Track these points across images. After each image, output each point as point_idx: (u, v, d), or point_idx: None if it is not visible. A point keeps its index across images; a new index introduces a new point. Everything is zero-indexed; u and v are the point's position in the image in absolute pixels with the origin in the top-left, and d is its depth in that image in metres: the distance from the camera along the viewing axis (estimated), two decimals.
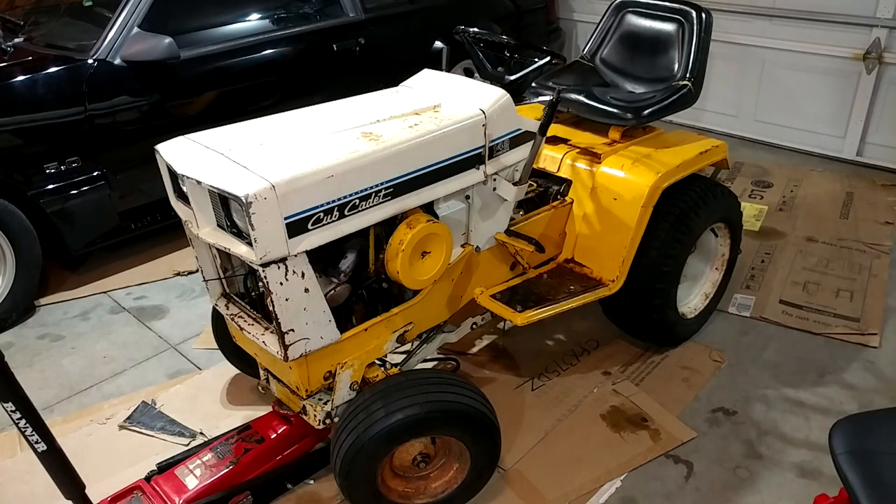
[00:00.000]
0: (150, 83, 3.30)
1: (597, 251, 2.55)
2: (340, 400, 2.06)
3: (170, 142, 1.92)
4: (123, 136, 3.29)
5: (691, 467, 2.31)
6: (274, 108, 2.83)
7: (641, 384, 2.65)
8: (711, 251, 2.90)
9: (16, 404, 1.55)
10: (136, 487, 2.07)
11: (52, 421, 2.53)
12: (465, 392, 1.97)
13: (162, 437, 2.46)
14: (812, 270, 3.34)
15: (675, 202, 2.52)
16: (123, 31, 3.21)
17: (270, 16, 3.77)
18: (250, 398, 2.61)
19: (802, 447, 2.38)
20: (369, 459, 1.88)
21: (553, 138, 2.72)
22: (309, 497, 2.22)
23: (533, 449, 2.37)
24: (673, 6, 2.80)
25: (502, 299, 2.37)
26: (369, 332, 2.10)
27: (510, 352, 2.86)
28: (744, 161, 4.57)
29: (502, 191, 2.29)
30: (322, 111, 2.11)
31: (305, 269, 1.82)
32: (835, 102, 4.46)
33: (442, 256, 2.11)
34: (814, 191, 4.14)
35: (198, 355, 2.91)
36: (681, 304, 2.78)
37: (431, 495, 2.11)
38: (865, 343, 2.84)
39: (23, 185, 3.04)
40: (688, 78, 2.69)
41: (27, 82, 3.03)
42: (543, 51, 2.31)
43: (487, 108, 2.09)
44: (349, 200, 1.83)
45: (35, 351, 2.99)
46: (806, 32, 4.42)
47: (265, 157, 1.79)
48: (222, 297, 2.16)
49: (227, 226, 1.81)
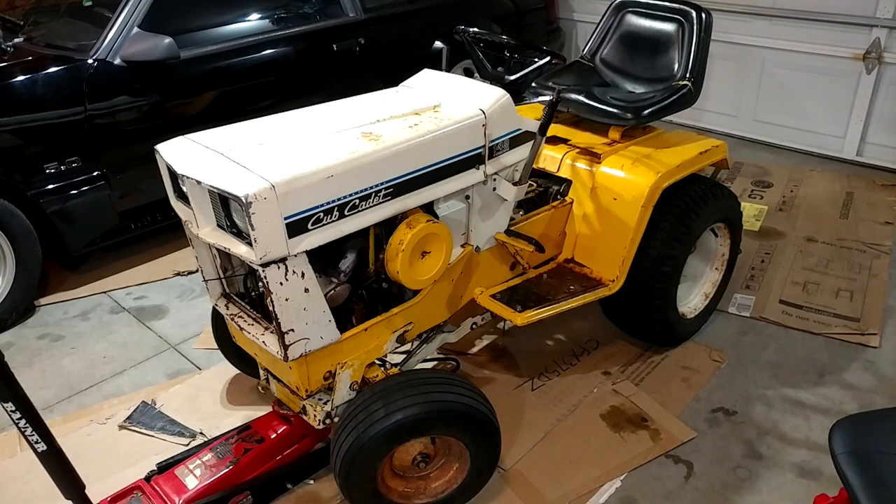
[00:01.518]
0: (150, 83, 3.30)
1: (597, 251, 2.55)
2: (340, 400, 2.06)
3: (170, 142, 1.93)
4: (123, 136, 3.29)
5: (691, 467, 2.31)
6: (274, 108, 2.84)
7: (641, 384, 2.65)
8: (711, 251, 2.90)
9: (16, 404, 1.55)
10: (136, 487, 2.07)
11: (52, 421, 2.53)
12: (465, 392, 1.97)
13: (162, 437, 2.46)
14: (812, 270, 3.34)
15: (675, 202, 2.52)
16: (123, 31, 3.21)
17: (270, 16, 3.77)
18: (250, 398, 2.61)
19: (802, 447, 2.38)
20: (369, 459, 1.88)
21: (553, 138, 2.72)
22: (309, 497, 2.22)
23: (533, 449, 2.37)
24: (673, 6, 2.80)
25: (502, 299, 2.37)
26: (369, 332, 2.10)
27: (510, 352, 2.86)
28: (744, 161, 4.57)
29: (502, 191, 2.29)
30: (322, 111, 2.11)
31: (305, 269, 1.82)
32: (835, 102, 4.46)
33: (442, 256, 2.11)
34: (814, 191, 4.14)
35: (198, 355, 2.91)
36: (681, 304, 2.78)
37: (431, 495, 2.11)
38: (865, 343, 2.84)
39: (23, 185, 3.04)
40: (688, 78, 2.69)
41: (27, 82, 3.03)
42: (543, 51, 2.31)
43: (487, 108, 2.09)
44: (349, 200, 1.83)
45: (35, 351, 2.99)
46: (806, 32, 4.42)
47: (265, 157, 1.79)
48: (222, 297, 2.16)
49: (227, 226, 1.81)
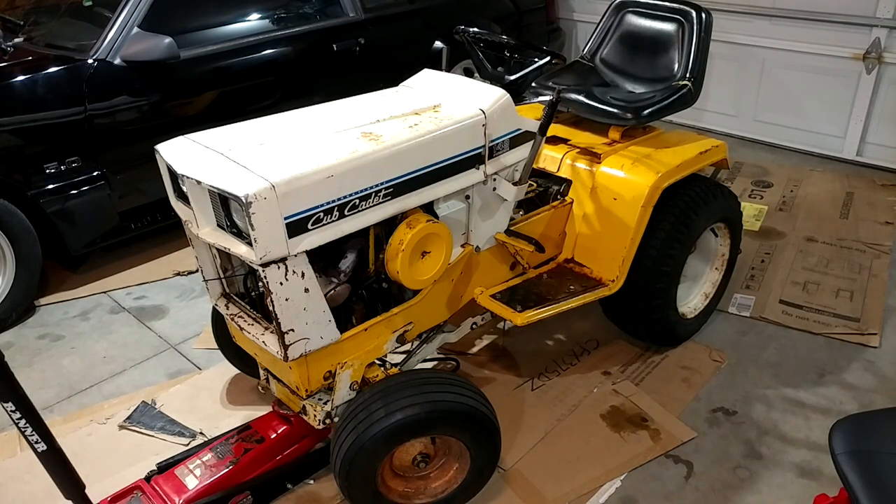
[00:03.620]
0: (150, 83, 3.30)
1: (597, 251, 2.55)
2: (340, 400, 2.06)
3: (170, 142, 1.93)
4: (123, 136, 3.29)
5: (691, 467, 2.31)
6: (274, 108, 2.83)
7: (641, 384, 2.65)
8: (711, 251, 2.90)
9: (16, 404, 1.55)
10: (136, 487, 2.07)
11: (52, 421, 2.53)
12: (465, 392, 1.97)
13: (162, 437, 2.46)
14: (812, 270, 3.34)
15: (675, 202, 2.52)
16: (123, 31, 3.21)
17: (270, 16, 3.77)
18: (250, 398, 2.61)
19: (802, 447, 2.38)
20: (369, 459, 1.88)
21: (553, 138, 2.72)
22: (309, 497, 2.22)
23: (533, 449, 2.37)
24: (673, 6, 2.80)
25: (502, 299, 2.37)
26: (369, 332, 2.10)
27: (510, 352, 2.86)
28: (744, 161, 4.57)
29: (502, 191, 2.29)
30: (322, 111, 2.11)
31: (305, 269, 1.82)
32: (835, 102, 4.46)
33: (442, 256, 2.11)
34: (814, 191, 4.14)
35: (198, 355, 2.91)
36: (681, 304, 2.78)
37: (431, 495, 2.11)
38: (865, 343, 2.84)
39: (23, 185, 3.04)
40: (688, 78, 2.69)
41: (27, 82, 3.03)
42: (543, 51, 2.31)
43: (487, 108, 2.09)
44: (349, 200, 1.83)
45: (35, 351, 2.99)
46: (806, 32, 4.42)
47: (265, 157, 1.79)
48: (222, 297, 2.16)
49: (227, 226, 1.81)
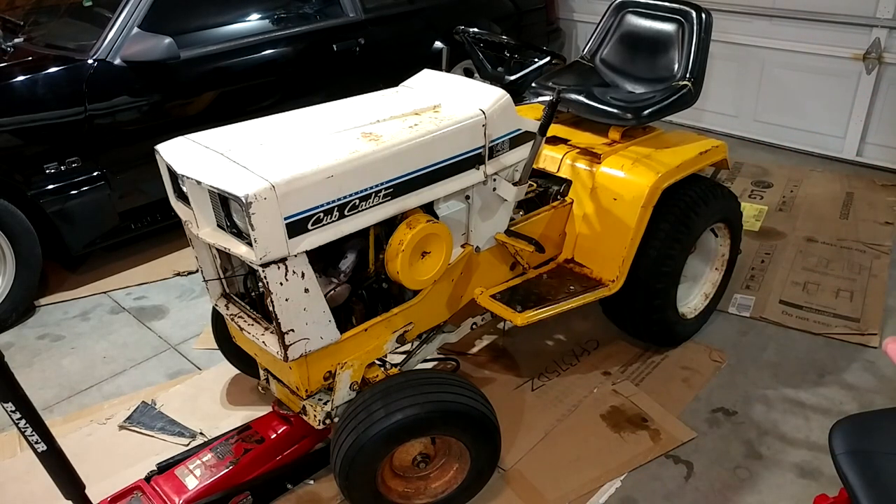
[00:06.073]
0: (150, 83, 3.30)
1: (597, 251, 2.55)
2: (340, 400, 2.06)
3: (170, 142, 1.93)
4: (123, 136, 3.29)
5: (691, 467, 2.31)
6: (274, 108, 2.83)
7: (641, 384, 2.65)
8: (711, 251, 2.90)
9: (16, 404, 1.55)
10: (136, 487, 2.07)
11: (52, 421, 2.53)
12: (465, 392, 1.97)
13: (162, 438, 2.46)
14: (812, 270, 3.34)
15: (675, 202, 2.52)
16: (123, 32, 3.21)
17: (270, 16, 3.77)
18: (250, 398, 2.61)
19: (802, 447, 2.38)
20: (369, 459, 1.88)
21: (553, 138, 2.72)
22: (309, 497, 2.22)
23: (533, 449, 2.37)
24: (673, 6, 2.80)
25: (502, 299, 2.37)
26: (369, 333, 2.10)
27: (510, 352, 2.86)
28: (744, 161, 4.57)
29: (502, 191, 2.29)
30: (322, 111, 2.11)
31: (305, 269, 1.82)
32: (835, 103, 4.46)
33: (442, 256, 2.11)
34: (814, 191, 4.14)
35: (198, 355, 2.91)
36: (681, 304, 2.78)
37: (431, 495, 2.11)
38: (865, 343, 2.84)
39: (23, 185, 3.04)
40: (688, 78, 2.69)
41: (27, 82, 3.03)
42: (543, 51, 2.31)
43: (487, 108, 2.09)
44: (349, 200, 1.83)
45: (35, 351, 2.99)
46: (806, 32, 4.42)
47: (265, 157, 1.79)
48: (222, 298, 2.16)
49: (227, 226, 1.81)
